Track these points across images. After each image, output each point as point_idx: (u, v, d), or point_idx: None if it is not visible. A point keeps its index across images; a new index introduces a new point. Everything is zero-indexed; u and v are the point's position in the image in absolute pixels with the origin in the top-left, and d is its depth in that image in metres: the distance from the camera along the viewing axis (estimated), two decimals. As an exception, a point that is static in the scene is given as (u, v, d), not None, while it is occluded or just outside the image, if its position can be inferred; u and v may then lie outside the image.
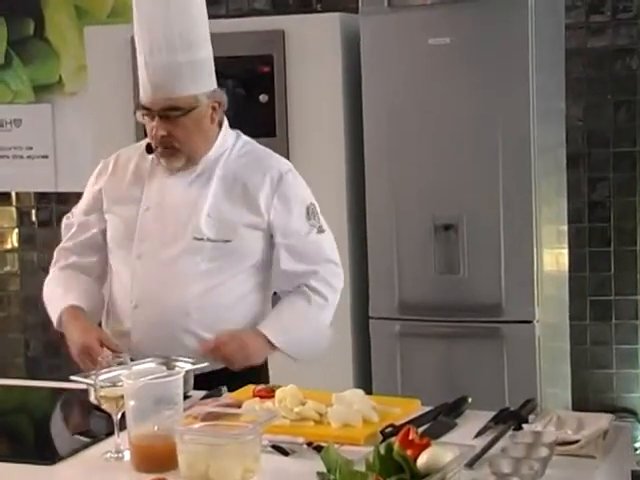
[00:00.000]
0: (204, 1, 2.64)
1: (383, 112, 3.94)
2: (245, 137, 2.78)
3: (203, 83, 2.61)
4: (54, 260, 2.83)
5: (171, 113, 2.56)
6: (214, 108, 2.65)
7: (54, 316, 2.69)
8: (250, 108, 4.15)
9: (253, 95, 4.12)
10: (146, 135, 2.71)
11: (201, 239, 2.61)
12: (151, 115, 2.58)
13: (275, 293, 2.83)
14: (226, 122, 2.75)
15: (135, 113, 2.64)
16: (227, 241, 2.62)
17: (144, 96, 2.58)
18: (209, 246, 2.61)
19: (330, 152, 4.07)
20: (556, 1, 4.16)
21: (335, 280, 2.77)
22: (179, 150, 2.61)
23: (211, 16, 4.54)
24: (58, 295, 2.72)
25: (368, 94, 3.96)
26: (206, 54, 2.62)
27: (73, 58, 4.94)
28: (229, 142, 2.72)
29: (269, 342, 2.64)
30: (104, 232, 2.76)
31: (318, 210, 2.76)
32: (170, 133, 2.58)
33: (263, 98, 4.09)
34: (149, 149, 2.65)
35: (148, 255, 2.64)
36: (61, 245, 2.84)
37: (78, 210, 2.82)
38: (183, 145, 2.61)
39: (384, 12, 3.89)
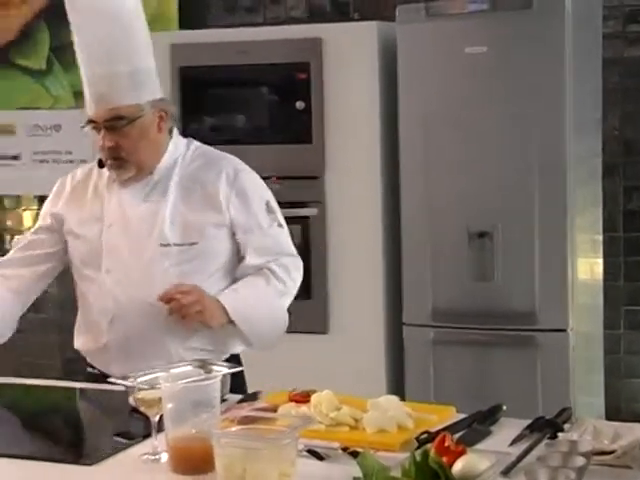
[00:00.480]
0: (142, 11, 2.65)
1: (419, 120, 3.93)
2: (197, 143, 2.80)
3: (146, 92, 2.62)
4: None
5: (116, 123, 2.58)
6: (161, 117, 2.66)
7: None
8: (287, 115, 4.17)
9: (290, 102, 4.13)
10: None
11: (167, 245, 2.64)
12: (97, 127, 2.60)
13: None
14: (176, 130, 2.76)
15: (84, 127, 2.65)
16: (193, 243, 2.65)
17: (89, 109, 2.61)
18: (176, 251, 2.64)
19: (365, 159, 4.07)
20: (593, 10, 4.14)
21: (295, 272, 2.79)
22: (127, 160, 2.63)
23: (249, 24, 4.64)
24: None
25: (404, 102, 3.96)
26: (147, 63, 2.65)
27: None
28: (181, 149, 2.73)
29: (226, 313, 2.63)
30: (50, 255, 2.79)
31: (276, 206, 2.77)
32: (117, 144, 2.60)
33: (300, 105, 4.10)
34: (101, 163, 2.68)
35: (117, 269, 2.66)
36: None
37: (35, 229, 2.84)
38: (130, 155, 2.63)
39: (421, 21, 3.89)
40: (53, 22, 5.05)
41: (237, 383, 2.58)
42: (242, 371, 2.73)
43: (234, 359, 2.76)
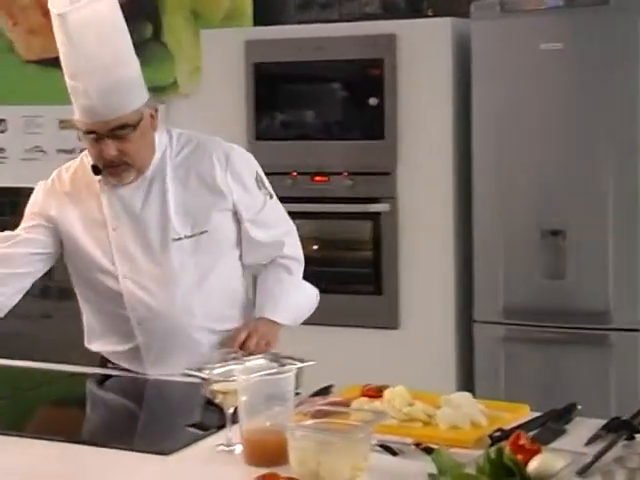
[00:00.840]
0: (119, 10, 2.62)
1: (492, 117, 3.90)
2: (177, 130, 2.78)
3: (141, 95, 2.61)
4: None
5: (121, 132, 2.55)
6: (152, 115, 2.65)
7: None
8: (360, 111, 4.15)
9: (363, 98, 4.12)
10: (266, 137, 2.74)
11: (179, 238, 2.64)
12: (99, 137, 2.56)
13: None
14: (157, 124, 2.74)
15: (80, 138, 2.65)
16: (203, 232, 2.67)
17: (89, 120, 2.54)
18: (188, 242, 2.65)
19: (438, 155, 4.04)
20: (671, 6, 4.06)
21: (297, 241, 2.87)
22: (130, 165, 2.61)
23: (324, 20, 4.63)
24: None
25: (478, 99, 3.92)
26: (136, 66, 2.63)
27: (188, 60, 4.99)
28: (164, 141, 2.71)
29: (277, 323, 2.73)
30: (42, 255, 2.74)
31: (263, 175, 2.79)
32: (121, 151, 2.57)
33: (373, 101, 4.08)
34: (96, 170, 2.63)
35: (134, 272, 2.65)
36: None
37: (24, 227, 2.78)
38: (134, 159, 2.61)
39: (496, 17, 3.85)
40: (130, 19, 5.02)
41: None
42: None
43: None
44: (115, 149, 2.56)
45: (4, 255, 2.74)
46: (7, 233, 2.80)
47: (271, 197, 2.79)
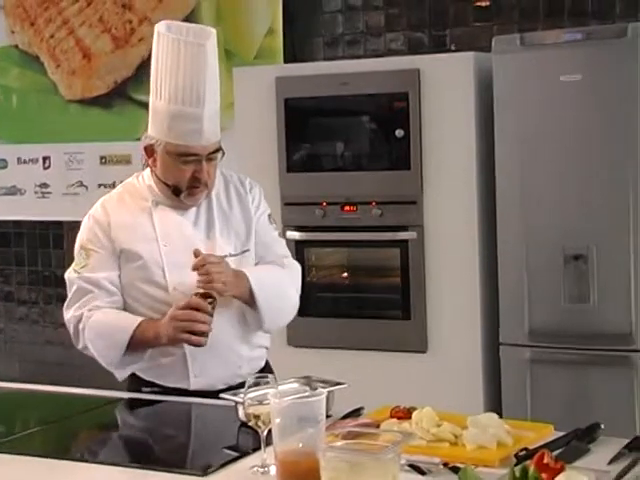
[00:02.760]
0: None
1: (514, 147, 3.90)
2: None
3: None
4: (76, 317, 2.75)
5: (215, 155, 2.70)
6: None
7: (125, 337, 2.67)
8: (387, 142, 4.17)
9: (389, 130, 4.14)
10: (298, 169, 2.79)
11: (225, 256, 2.71)
12: (197, 160, 2.66)
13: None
14: None
15: (169, 168, 2.69)
16: (246, 251, 2.78)
17: (195, 143, 2.65)
18: (234, 260, 2.73)
19: (462, 184, 4.04)
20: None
21: (297, 273, 2.90)
22: (207, 186, 2.72)
23: (351, 56, 4.67)
24: (118, 321, 2.71)
25: (500, 129, 3.93)
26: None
27: (222, 97, 5.01)
28: None
29: (246, 283, 2.70)
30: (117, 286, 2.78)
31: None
32: (208, 173, 2.69)
33: (399, 133, 4.09)
34: (177, 192, 2.71)
35: (185, 285, 2.68)
36: (77, 306, 2.75)
37: (93, 266, 2.75)
38: (212, 181, 2.74)
39: (517, 50, 3.85)
40: (166, 58, 5.16)
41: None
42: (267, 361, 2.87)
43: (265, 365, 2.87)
44: (207, 171, 2.69)
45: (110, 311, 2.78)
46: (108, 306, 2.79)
47: (279, 234, 2.93)
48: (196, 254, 2.63)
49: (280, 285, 2.82)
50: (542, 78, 3.83)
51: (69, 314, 2.77)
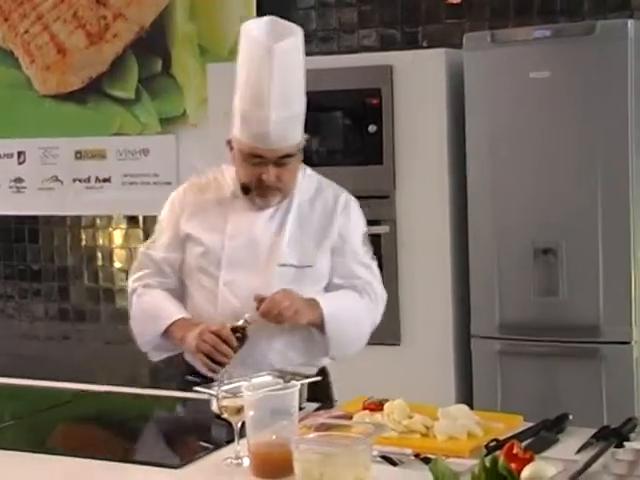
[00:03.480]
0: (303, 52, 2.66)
1: (485, 142, 3.91)
2: (308, 169, 2.81)
3: (302, 129, 2.67)
4: (131, 289, 2.80)
5: (286, 160, 2.61)
6: (301, 148, 2.70)
7: (157, 331, 2.67)
8: (359, 138, 4.17)
9: (362, 126, 4.13)
10: None
11: (285, 265, 2.65)
12: (264, 162, 2.60)
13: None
14: None
15: (242, 165, 2.63)
16: (307, 266, 2.67)
17: (262, 146, 2.58)
18: (292, 272, 2.65)
19: (434, 178, 4.05)
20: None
21: (382, 304, 2.78)
22: (281, 190, 2.65)
23: (324, 52, 4.65)
24: (162, 310, 2.71)
25: (471, 125, 3.94)
26: (305, 103, 2.67)
27: (196, 93, 5.02)
28: (299, 175, 2.75)
29: (317, 306, 2.62)
30: (181, 265, 2.76)
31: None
32: (278, 177, 2.62)
33: (372, 128, 4.10)
34: (246, 190, 2.66)
35: (236, 282, 2.65)
36: (138, 276, 2.79)
37: (159, 244, 2.78)
38: (286, 185, 2.66)
39: (487, 47, 3.87)
40: (141, 54, 5.14)
41: (324, 393, 2.65)
42: (328, 382, 2.75)
43: (321, 372, 2.76)
44: (274, 175, 2.61)
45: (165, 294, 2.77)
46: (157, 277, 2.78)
47: (373, 258, 2.80)
48: (257, 299, 2.56)
49: (354, 317, 2.71)
50: (512, 74, 3.84)
51: (129, 283, 2.82)
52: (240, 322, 2.56)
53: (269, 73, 2.54)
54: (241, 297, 2.65)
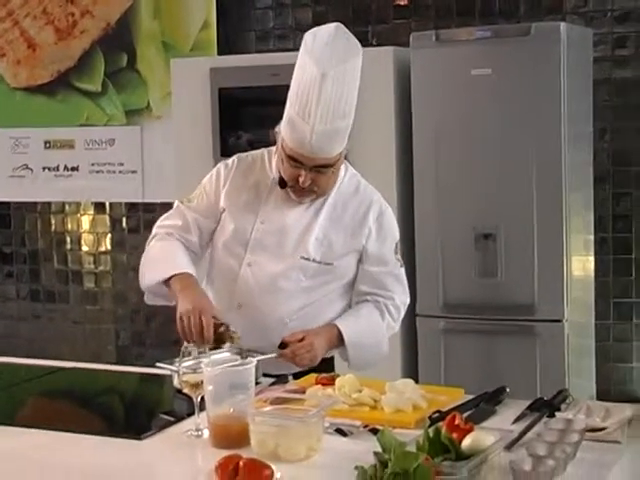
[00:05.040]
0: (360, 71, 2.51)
1: (431, 134, 3.92)
2: (352, 169, 2.71)
3: (346, 142, 2.53)
4: (154, 233, 2.69)
5: (323, 169, 2.49)
6: (344, 155, 2.59)
7: (161, 275, 2.54)
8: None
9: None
10: (229, 154, 2.66)
11: (307, 259, 2.56)
12: (300, 166, 2.48)
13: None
14: None
15: (282, 160, 2.52)
16: (329, 264, 2.58)
17: (300, 152, 2.45)
18: (314, 266, 2.57)
19: (383, 168, 4.04)
20: (585, 37, 4.11)
21: (402, 315, 2.72)
22: (316, 192, 2.55)
23: (281, 50, 4.63)
24: (169, 258, 2.60)
25: (417, 118, 3.94)
26: (352, 119, 2.52)
27: (159, 86, 4.98)
28: (341, 174, 2.64)
29: (339, 336, 2.56)
30: (209, 233, 2.67)
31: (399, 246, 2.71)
32: (314, 181, 2.51)
33: (324, 122, 4.07)
34: (283, 184, 2.56)
35: (259, 265, 2.56)
36: (165, 224, 2.68)
37: (196, 206, 2.67)
38: (321, 189, 2.55)
39: (432, 46, 3.87)
40: (108, 50, 5.08)
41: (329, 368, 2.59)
42: (332, 358, 2.69)
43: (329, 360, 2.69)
44: (310, 179, 2.49)
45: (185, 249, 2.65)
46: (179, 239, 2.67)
47: (402, 266, 2.69)
48: (284, 342, 2.48)
49: (374, 340, 2.63)
50: (455, 71, 3.85)
51: (156, 225, 2.70)
52: (232, 328, 2.44)
53: (318, 95, 2.39)
54: (260, 281, 2.57)
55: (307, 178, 2.49)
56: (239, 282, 2.58)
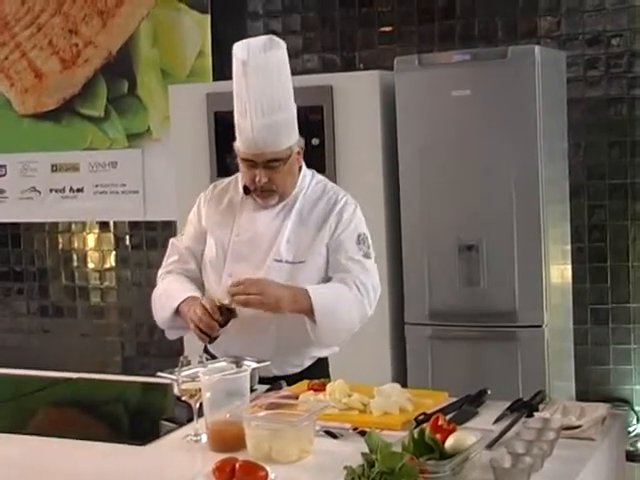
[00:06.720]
0: (287, 61, 2.60)
1: (415, 152, 3.93)
2: (319, 176, 2.74)
3: (294, 135, 2.59)
4: (158, 276, 2.78)
5: (273, 164, 2.54)
6: (299, 153, 2.64)
7: (169, 310, 2.62)
8: (304, 150, 4.16)
9: (306, 139, 4.10)
10: (225, 174, 2.69)
11: (280, 261, 2.60)
12: (254, 165, 2.56)
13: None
14: (303, 163, 2.70)
15: (238, 162, 2.60)
16: (302, 262, 2.61)
17: (249, 150, 2.54)
18: (287, 267, 2.60)
19: (370, 185, 4.06)
20: (559, 59, 4.14)
21: (373, 293, 2.67)
22: (275, 191, 2.60)
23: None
24: (176, 290, 2.66)
25: (402, 137, 3.96)
26: (293, 111, 2.59)
27: (159, 111, 4.99)
28: (307, 180, 2.69)
29: (305, 294, 2.52)
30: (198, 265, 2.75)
31: (369, 242, 2.70)
32: (270, 179, 2.56)
33: (315, 142, 4.09)
34: (246, 190, 2.62)
35: (238, 274, 2.59)
36: (165, 264, 2.78)
37: (186, 237, 2.78)
38: (279, 187, 2.60)
39: (415, 69, 3.89)
40: (110, 77, 5.10)
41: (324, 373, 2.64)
42: (327, 361, 2.74)
43: (322, 362, 2.73)
44: (266, 177, 2.55)
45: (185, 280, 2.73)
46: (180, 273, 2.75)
47: (367, 257, 2.66)
48: (233, 283, 2.50)
49: (342, 306, 2.57)
50: (437, 93, 3.87)
51: (160, 269, 2.80)
52: (226, 301, 2.49)
53: (245, 85, 2.51)
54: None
55: (262, 176, 2.55)
56: (221, 292, 2.61)
